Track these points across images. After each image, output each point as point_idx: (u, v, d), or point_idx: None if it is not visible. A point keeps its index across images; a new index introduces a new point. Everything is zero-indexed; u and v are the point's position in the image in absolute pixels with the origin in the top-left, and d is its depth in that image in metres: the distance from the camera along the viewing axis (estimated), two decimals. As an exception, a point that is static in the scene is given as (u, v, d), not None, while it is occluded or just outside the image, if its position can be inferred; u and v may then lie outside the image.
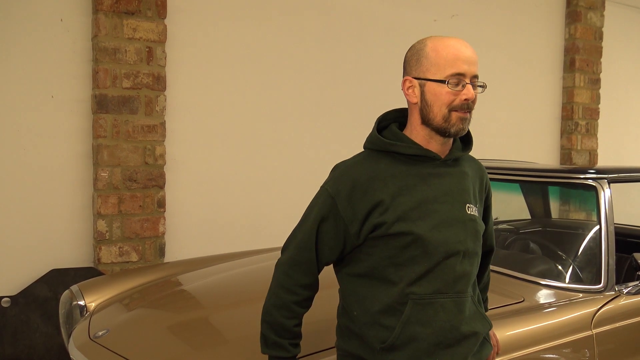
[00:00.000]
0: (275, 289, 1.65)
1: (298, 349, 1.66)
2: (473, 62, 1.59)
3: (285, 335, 1.64)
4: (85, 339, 2.25)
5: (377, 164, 1.61)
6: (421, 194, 1.58)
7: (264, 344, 1.67)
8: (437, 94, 1.58)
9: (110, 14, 3.45)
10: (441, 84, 1.57)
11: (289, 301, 1.62)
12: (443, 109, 1.58)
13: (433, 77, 1.58)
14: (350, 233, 1.58)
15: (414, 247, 1.55)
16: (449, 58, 1.57)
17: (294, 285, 1.63)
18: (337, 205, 1.58)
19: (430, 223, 1.56)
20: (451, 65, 1.57)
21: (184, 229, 3.84)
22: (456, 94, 1.57)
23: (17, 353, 3.33)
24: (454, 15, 4.99)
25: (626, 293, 2.46)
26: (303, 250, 1.63)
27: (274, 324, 1.64)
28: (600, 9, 5.79)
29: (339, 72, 4.43)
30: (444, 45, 1.60)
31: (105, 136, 3.47)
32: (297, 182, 4.21)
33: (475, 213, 1.66)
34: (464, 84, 1.57)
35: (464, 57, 1.58)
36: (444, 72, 1.57)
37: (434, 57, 1.59)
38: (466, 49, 1.60)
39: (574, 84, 5.67)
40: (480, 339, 1.65)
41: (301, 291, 1.63)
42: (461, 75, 1.57)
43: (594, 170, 2.68)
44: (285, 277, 1.64)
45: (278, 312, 1.63)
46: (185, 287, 2.71)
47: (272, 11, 4.16)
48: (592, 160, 5.88)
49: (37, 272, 3.42)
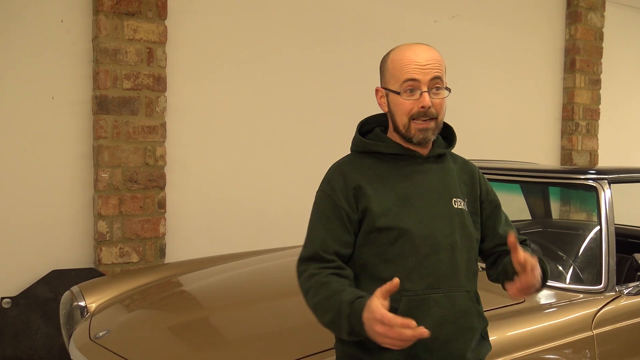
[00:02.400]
0: (307, 283, 1.56)
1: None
2: (429, 69, 1.60)
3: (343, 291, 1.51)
4: (86, 340, 2.25)
5: (361, 163, 1.68)
6: (405, 190, 1.63)
7: (338, 319, 1.47)
8: (397, 104, 1.64)
9: (110, 15, 3.45)
10: (398, 94, 1.62)
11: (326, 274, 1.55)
12: (404, 118, 1.63)
13: (392, 87, 1.64)
14: (353, 220, 1.61)
15: (402, 242, 1.58)
16: (402, 69, 1.61)
17: (324, 261, 1.56)
18: (336, 200, 1.62)
19: (415, 218, 1.60)
20: (404, 75, 1.61)
21: (185, 229, 3.84)
22: (413, 103, 1.61)
23: (18, 354, 3.33)
24: (454, 16, 4.99)
25: (627, 294, 2.45)
26: (310, 246, 1.62)
27: (324, 300, 1.51)
28: (600, 10, 5.79)
29: (339, 73, 4.43)
30: (400, 55, 1.64)
31: (105, 137, 3.47)
32: (298, 182, 4.21)
33: (463, 207, 1.68)
34: (420, 92, 1.60)
35: (417, 65, 1.60)
36: (399, 83, 1.62)
37: (391, 69, 1.65)
38: (422, 56, 1.62)
39: (574, 84, 5.67)
40: (476, 334, 1.66)
41: (335, 259, 1.58)
42: (415, 82, 1.60)
43: (595, 171, 2.68)
44: (300, 272, 1.60)
45: (322, 288, 1.52)
46: (186, 287, 2.71)
47: (272, 12, 4.16)
48: (593, 161, 5.87)
49: (38, 273, 3.42)
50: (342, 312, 1.45)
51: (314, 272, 1.55)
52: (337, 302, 1.47)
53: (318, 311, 1.53)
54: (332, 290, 1.50)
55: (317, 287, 1.53)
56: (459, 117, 3.65)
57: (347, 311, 1.44)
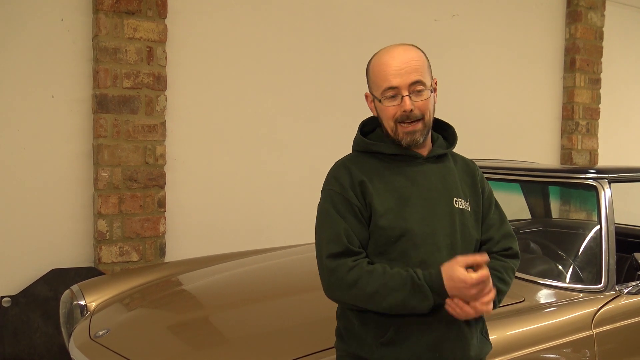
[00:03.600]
0: (351, 274, 1.55)
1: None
2: (407, 72, 1.60)
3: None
4: (86, 339, 2.25)
5: (363, 163, 1.68)
6: (406, 190, 1.63)
7: (413, 295, 1.53)
8: (382, 109, 1.66)
9: (110, 14, 3.45)
10: (380, 101, 1.64)
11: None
12: (390, 122, 1.65)
13: (375, 94, 1.66)
14: (365, 216, 1.62)
15: (404, 241, 1.59)
16: (380, 76, 1.63)
17: (347, 265, 1.56)
18: (347, 197, 1.62)
19: (416, 217, 1.61)
20: (383, 81, 1.62)
21: (185, 228, 3.84)
22: (396, 108, 1.62)
23: (18, 353, 3.33)
24: (455, 15, 4.99)
25: (626, 293, 2.46)
26: (339, 241, 1.59)
27: (385, 283, 1.53)
28: (600, 9, 5.79)
29: (339, 72, 4.43)
30: (378, 62, 1.65)
31: (105, 136, 3.47)
32: (298, 181, 4.21)
33: (465, 207, 1.69)
34: (401, 96, 1.61)
35: (394, 71, 1.61)
36: (379, 89, 1.64)
37: (372, 76, 1.67)
38: (399, 61, 1.61)
39: (574, 83, 5.67)
40: (475, 333, 1.67)
41: (362, 250, 1.60)
42: (395, 89, 1.61)
43: (595, 170, 2.68)
44: (335, 268, 1.57)
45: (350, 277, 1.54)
46: (186, 287, 2.71)
47: (272, 11, 4.16)
48: (593, 160, 5.87)
49: (38, 271, 3.42)
50: (420, 289, 1.51)
51: (352, 264, 1.56)
52: (404, 281, 1.52)
53: (379, 296, 1.53)
54: (388, 274, 1.53)
55: (368, 276, 1.54)
56: (459, 116, 3.65)
57: (426, 284, 1.52)
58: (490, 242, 1.73)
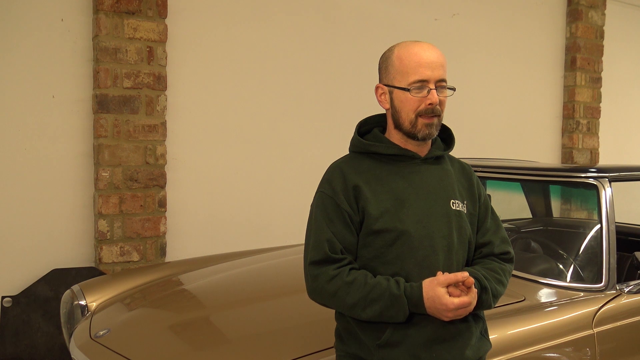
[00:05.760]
0: (331, 285, 1.57)
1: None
2: (437, 67, 1.62)
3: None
4: (87, 339, 2.25)
5: (360, 164, 1.68)
6: (403, 190, 1.63)
7: (392, 307, 1.55)
8: (404, 100, 1.64)
9: (111, 14, 3.45)
10: (406, 91, 1.62)
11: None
12: (410, 114, 1.64)
13: (399, 84, 1.65)
14: (355, 222, 1.62)
15: (400, 244, 1.59)
16: (411, 65, 1.62)
17: (328, 274, 1.58)
18: (338, 202, 1.62)
19: (413, 218, 1.61)
20: (414, 73, 1.62)
21: (185, 228, 3.84)
22: (421, 100, 1.62)
23: (19, 353, 3.33)
24: (455, 14, 4.99)
25: (627, 292, 2.45)
26: (320, 249, 1.61)
27: (365, 295, 1.55)
28: (601, 8, 5.79)
29: (339, 72, 4.43)
30: (407, 52, 1.65)
31: (106, 136, 3.47)
32: (298, 181, 4.21)
33: (461, 209, 1.69)
34: (428, 89, 1.61)
35: (426, 63, 1.62)
36: (407, 80, 1.63)
37: (398, 65, 1.65)
38: (429, 54, 1.63)
39: (575, 82, 5.67)
40: (475, 332, 1.67)
41: (345, 256, 1.61)
42: (424, 81, 1.61)
43: (595, 169, 2.68)
44: (317, 275, 1.59)
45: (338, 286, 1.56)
46: (187, 286, 2.71)
47: (272, 11, 4.16)
48: (594, 159, 5.87)
49: (39, 271, 3.42)
50: (397, 300, 1.53)
51: (333, 273, 1.57)
52: (383, 292, 1.53)
53: (359, 307, 1.55)
54: (369, 285, 1.54)
55: (347, 286, 1.55)
56: (459, 115, 3.65)
57: (405, 296, 1.54)
58: (490, 246, 1.74)
